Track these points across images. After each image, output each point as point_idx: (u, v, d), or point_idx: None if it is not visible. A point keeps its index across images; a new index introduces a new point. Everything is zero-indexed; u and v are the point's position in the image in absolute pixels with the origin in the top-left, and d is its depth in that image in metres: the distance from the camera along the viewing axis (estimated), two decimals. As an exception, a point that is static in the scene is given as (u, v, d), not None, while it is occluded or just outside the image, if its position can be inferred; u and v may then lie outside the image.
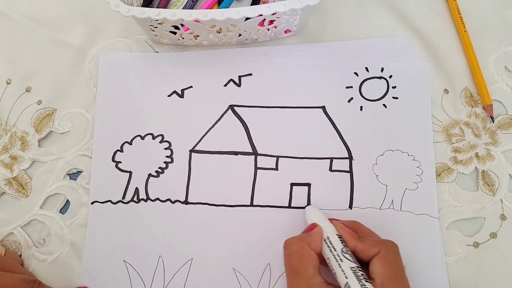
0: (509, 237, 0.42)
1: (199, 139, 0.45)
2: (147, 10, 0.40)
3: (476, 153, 0.44)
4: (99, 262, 0.42)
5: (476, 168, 0.44)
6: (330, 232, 0.37)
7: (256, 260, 0.41)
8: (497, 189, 0.43)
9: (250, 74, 0.47)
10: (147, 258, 0.42)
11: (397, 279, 0.34)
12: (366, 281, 0.33)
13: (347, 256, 0.34)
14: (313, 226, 0.38)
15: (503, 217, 0.42)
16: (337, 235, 0.36)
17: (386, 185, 0.43)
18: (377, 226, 0.41)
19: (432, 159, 0.43)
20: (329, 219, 0.38)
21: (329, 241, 0.36)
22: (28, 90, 0.48)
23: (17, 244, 0.43)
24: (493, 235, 0.42)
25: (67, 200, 0.44)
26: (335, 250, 0.35)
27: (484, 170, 0.44)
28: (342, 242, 0.36)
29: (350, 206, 0.42)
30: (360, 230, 0.38)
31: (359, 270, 0.33)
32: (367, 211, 0.42)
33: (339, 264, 0.34)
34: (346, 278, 0.33)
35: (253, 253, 0.42)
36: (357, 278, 0.33)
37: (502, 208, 0.43)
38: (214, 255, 0.42)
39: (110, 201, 0.43)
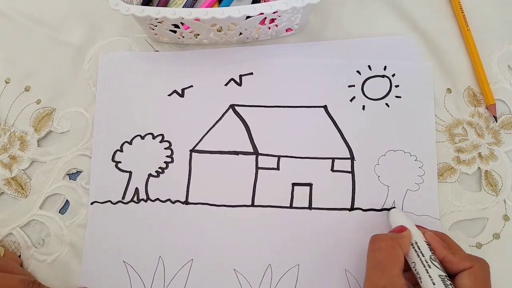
0: (512, 238, 0.42)
1: (200, 139, 0.45)
2: (146, 8, 0.40)
3: (479, 153, 0.44)
4: (99, 262, 0.42)
5: (479, 168, 0.43)
6: (418, 237, 0.36)
7: (257, 260, 0.41)
8: (500, 189, 0.43)
9: (251, 73, 0.46)
10: (147, 259, 0.42)
11: None
12: None
13: (436, 263, 0.34)
14: (403, 228, 0.37)
15: (506, 218, 0.42)
16: (425, 242, 0.36)
17: (388, 186, 0.42)
18: (379, 227, 0.41)
19: (434, 159, 0.43)
20: (416, 225, 0.38)
21: (417, 246, 0.35)
22: (27, 89, 0.47)
23: (16, 245, 0.43)
24: (496, 236, 0.42)
25: (67, 200, 0.44)
26: (423, 256, 0.35)
27: (487, 170, 0.43)
28: (430, 250, 0.35)
29: (352, 207, 0.42)
30: (448, 243, 0.37)
31: (448, 279, 0.33)
32: (369, 212, 0.42)
33: (426, 270, 0.34)
34: (434, 284, 0.33)
35: (254, 254, 0.41)
36: (445, 286, 0.32)
37: (505, 208, 0.42)
38: (215, 256, 0.42)
39: (110, 201, 0.43)
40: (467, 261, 0.34)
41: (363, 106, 0.45)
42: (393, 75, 0.45)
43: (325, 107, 0.45)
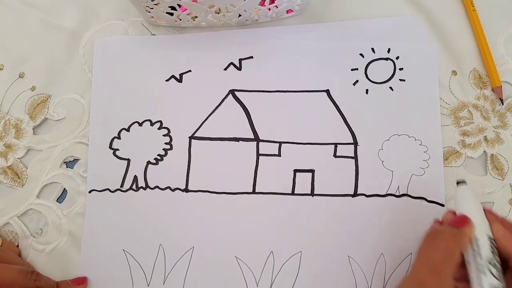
0: (518, 223, 0.41)
1: (199, 125, 0.44)
2: (142, -10, 0.39)
3: (485, 136, 0.43)
4: (98, 251, 0.42)
5: (484, 151, 0.43)
6: (480, 232, 0.32)
7: (259, 248, 0.41)
8: (506, 173, 0.42)
9: (251, 57, 0.45)
10: (147, 247, 0.41)
11: None
12: None
13: (493, 270, 0.31)
14: (465, 220, 0.33)
15: (512, 202, 0.42)
16: (489, 237, 0.32)
17: (392, 171, 0.42)
18: (382, 213, 0.41)
19: (439, 143, 0.42)
20: (484, 210, 0.34)
21: (477, 244, 0.32)
22: (21, 76, 0.46)
23: (14, 235, 0.43)
24: (502, 221, 0.41)
25: (64, 189, 0.44)
26: (481, 259, 0.31)
27: (493, 154, 0.43)
28: (491, 248, 0.31)
29: (355, 193, 0.42)
30: None
31: None
32: (372, 197, 0.41)
33: (479, 276, 0.30)
34: None
35: (256, 241, 0.41)
36: None
37: (511, 192, 0.42)
38: (216, 244, 0.41)
39: (108, 189, 0.43)
40: None
41: (367, 90, 0.44)
42: (397, 58, 0.45)
43: (327, 91, 0.44)
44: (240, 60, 0.45)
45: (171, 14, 0.43)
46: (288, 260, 0.41)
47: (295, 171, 0.42)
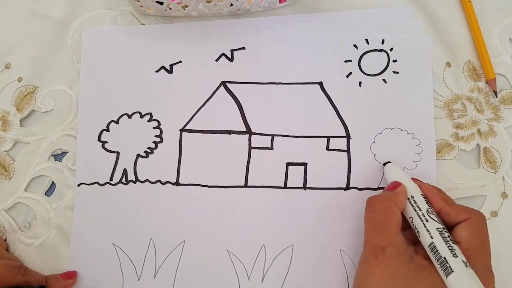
0: (510, 216, 0.41)
1: (190, 117, 0.43)
2: (130, -22, 0.38)
3: (478, 129, 0.43)
4: (88, 246, 0.42)
5: (478, 144, 0.43)
6: (414, 191, 0.36)
7: (250, 241, 0.41)
8: (499, 166, 0.42)
9: (243, 48, 0.45)
10: (138, 241, 0.41)
11: (483, 249, 0.34)
12: (453, 242, 0.33)
13: (433, 216, 0.34)
14: (397, 184, 0.37)
15: (504, 195, 0.42)
16: (422, 195, 0.36)
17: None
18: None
19: (432, 136, 0.42)
20: (412, 178, 0.38)
21: (414, 200, 0.35)
22: (7, 66, 0.46)
23: (1, 228, 0.43)
24: (494, 214, 0.41)
25: (52, 182, 0.43)
26: (420, 210, 0.35)
27: (486, 147, 0.43)
28: (427, 203, 0.35)
29: (347, 186, 0.41)
30: (441, 193, 0.37)
31: (445, 231, 0.33)
32: (365, 191, 0.41)
33: (424, 224, 0.34)
34: (432, 238, 0.33)
35: (248, 235, 0.41)
36: (443, 239, 0.32)
37: (504, 185, 0.42)
38: (207, 237, 0.41)
39: (97, 182, 0.43)
40: (464, 213, 0.35)
41: (360, 83, 0.44)
42: (391, 49, 0.44)
43: (320, 83, 0.44)
44: (232, 51, 0.45)
45: (161, 3, 0.42)
46: (280, 253, 0.41)
47: (288, 164, 0.42)
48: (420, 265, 0.33)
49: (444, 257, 0.32)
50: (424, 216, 0.34)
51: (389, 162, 0.41)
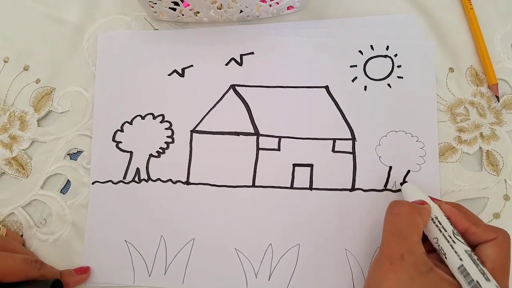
0: (512, 218, 0.42)
1: (200, 119, 0.44)
2: (146, -14, 0.39)
3: (481, 132, 0.44)
4: (101, 242, 0.42)
5: (480, 148, 0.43)
6: (437, 212, 0.35)
7: (258, 240, 0.42)
8: (501, 169, 0.43)
9: (252, 53, 0.46)
10: (149, 238, 0.42)
11: (506, 271, 0.33)
12: (483, 266, 0.32)
13: (459, 238, 0.34)
14: (423, 202, 0.36)
15: (506, 197, 0.42)
16: (444, 215, 0.35)
17: (389, 167, 0.42)
18: (379, 208, 0.41)
19: (435, 140, 0.43)
20: (430, 197, 0.37)
21: (438, 221, 0.35)
22: (26, 68, 0.47)
23: (18, 224, 0.43)
24: (496, 216, 0.42)
25: (68, 180, 0.44)
26: (446, 231, 0.34)
27: (488, 150, 0.43)
28: (451, 224, 0.35)
29: (353, 187, 0.42)
30: (465, 213, 0.36)
31: (473, 254, 0.33)
32: (370, 192, 0.42)
33: (451, 245, 0.33)
34: (461, 260, 0.32)
35: (255, 233, 0.42)
36: (473, 262, 0.32)
37: (506, 188, 0.42)
38: (216, 235, 0.42)
39: (111, 181, 0.43)
40: (491, 232, 0.34)
41: (365, 87, 0.44)
42: (396, 55, 0.45)
43: (326, 87, 0.45)
44: (241, 55, 0.46)
45: (174, 9, 0.44)
46: (287, 252, 0.41)
47: (294, 165, 0.43)
48: (441, 278, 0.32)
49: (477, 281, 0.31)
50: (451, 238, 0.33)
51: (406, 182, 0.41)
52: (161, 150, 0.44)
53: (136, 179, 0.43)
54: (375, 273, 0.34)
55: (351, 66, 0.45)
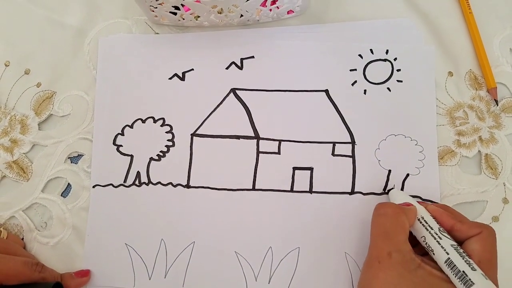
0: (511, 221, 0.42)
1: (201, 123, 0.44)
2: (147, -10, 0.39)
3: (480, 136, 0.44)
4: (101, 245, 0.42)
5: (479, 151, 0.44)
6: (423, 212, 0.37)
7: (258, 243, 0.42)
8: (500, 172, 0.43)
9: (252, 57, 0.46)
10: (149, 242, 0.42)
11: (493, 264, 0.34)
12: (468, 257, 0.33)
13: (445, 234, 0.35)
14: (408, 204, 0.37)
15: (505, 201, 0.42)
16: (430, 215, 0.37)
17: (389, 170, 0.43)
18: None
19: (435, 143, 0.43)
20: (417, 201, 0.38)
21: (424, 220, 0.36)
22: (27, 72, 0.47)
23: (19, 228, 0.43)
24: (495, 219, 0.42)
25: (68, 183, 0.44)
26: (432, 229, 0.35)
27: (487, 154, 0.43)
28: (437, 223, 0.36)
29: (352, 191, 0.42)
30: (451, 212, 0.37)
31: (459, 248, 0.34)
32: (369, 195, 0.42)
33: (437, 241, 0.34)
34: (448, 254, 0.33)
35: (255, 237, 0.42)
36: (459, 254, 0.33)
37: (505, 191, 0.43)
38: (216, 239, 0.42)
39: (111, 184, 0.44)
40: (476, 228, 0.35)
41: (365, 91, 0.45)
42: (395, 59, 0.45)
43: (326, 91, 0.45)
44: (242, 59, 0.46)
45: (175, 13, 0.44)
46: (287, 255, 0.41)
47: (294, 168, 0.43)
48: (429, 273, 0.33)
49: (463, 271, 0.32)
50: (437, 234, 0.34)
51: (392, 188, 0.42)
52: (161, 154, 0.44)
53: (137, 182, 0.43)
54: (365, 273, 0.35)
55: (350, 70, 0.45)
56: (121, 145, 0.44)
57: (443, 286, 0.32)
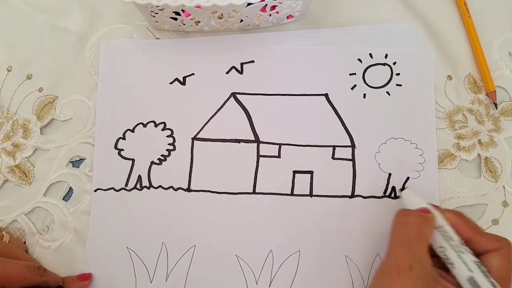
0: (510, 224, 0.42)
1: (201, 127, 0.45)
2: (148, -4, 0.39)
3: (479, 139, 0.44)
4: (103, 249, 0.42)
5: (479, 154, 0.44)
6: (442, 221, 0.35)
7: (258, 247, 0.42)
8: (499, 175, 0.43)
9: (253, 61, 0.46)
10: (151, 245, 0.42)
11: (509, 280, 0.33)
12: (491, 277, 0.32)
13: (466, 248, 0.33)
14: (427, 210, 0.36)
15: (505, 204, 0.42)
16: (448, 224, 0.35)
17: (389, 173, 0.43)
18: (379, 215, 0.42)
19: (434, 147, 0.43)
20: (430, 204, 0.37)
21: (443, 230, 0.34)
22: (29, 77, 0.47)
23: (21, 231, 0.43)
24: (495, 222, 0.42)
25: (70, 187, 0.45)
26: (453, 241, 0.34)
27: (487, 157, 0.44)
28: (456, 234, 0.35)
29: (352, 194, 0.42)
30: (466, 222, 0.36)
31: (481, 264, 0.33)
32: (369, 199, 0.42)
33: (459, 255, 0.33)
34: (471, 272, 0.32)
35: (256, 240, 0.42)
36: (483, 273, 0.32)
37: (505, 194, 0.43)
38: (217, 242, 0.42)
39: (113, 188, 0.44)
40: (495, 242, 0.34)
41: (364, 95, 0.45)
42: (394, 63, 0.45)
43: (326, 95, 0.45)
44: (242, 64, 0.46)
45: (175, 19, 0.44)
46: (287, 259, 0.41)
47: (294, 172, 0.43)
48: None
49: None
50: (458, 248, 0.33)
51: (406, 188, 0.41)
52: (162, 158, 0.44)
53: (138, 186, 0.44)
54: (380, 281, 0.34)
55: (350, 74, 0.45)
56: (122, 149, 0.45)
57: None
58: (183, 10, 0.42)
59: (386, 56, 0.46)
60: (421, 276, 0.31)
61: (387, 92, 0.45)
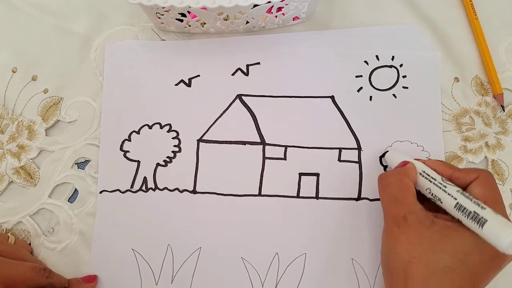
0: (518, 227, 0.42)
1: (207, 128, 0.45)
2: (154, -3, 0.40)
3: (486, 142, 0.44)
4: (108, 250, 0.42)
5: (486, 157, 0.44)
6: (423, 166, 0.38)
7: (264, 249, 0.42)
8: (506, 178, 0.43)
9: (258, 63, 0.46)
10: (156, 247, 0.42)
11: (498, 201, 0.35)
12: (475, 199, 0.34)
13: (449, 182, 0.36)
14: (405, 162, 0.38)
15: (512, 207, 0.42)
16: (430, 168, 0.37)
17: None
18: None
19: (441, 150, 0.43)
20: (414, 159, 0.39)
21: (426, 174, 0.37)
22: (34, 78, 0.47)
23: (26, 233, 0.43)
24: (502, 225, 0.42)
25: (75, 189, 0.45)
26: (435, 180, 0.36)
27: (494, 159, 0.43)
28: (438, 174, 0.37)
29: (359, 197, 0.42)
30: (445, 163, 0.38)
31: (465, 192, 0.34)
32: (376, 201, 0.42)
33: (443, 190, 0.35)
34: (456, 199, 0.34)
35: (262, 242, 0.42)
36: (466, 197, 0.33)
37: (511, 197, 0.43)
38: (223, 244, 0.42)
39: (118, 190, 0.44)
40: (473, 173, 0.36)
41: (370, 97, 0.45)
42: (401, 65, 0.45)
43: (332, 97, 0.45)
44: (248, 65, 0.46)
45: (181, 20, 0.44)
46: (293, 261, 0.41)
47: (300, 174, 0.43)
48: (444, 226, 0.34)
49: (474, 211, 0.32)
50: (441, 184, 0.35)
51: (387, 151, 0.43)
52: (168, 159, 0.44)
53: (143, 188, 0.44)
54: (387, 240, 0.36)
55: (356, 76, 0.45)
56: (128, 151, 0.44)
57: (460, 232, 0.33)
58: (189, 12, 0.42)
59: (392, 58, 0.45)
60: (417, 221, 0.34)
61: (394, 95, 0.45)
